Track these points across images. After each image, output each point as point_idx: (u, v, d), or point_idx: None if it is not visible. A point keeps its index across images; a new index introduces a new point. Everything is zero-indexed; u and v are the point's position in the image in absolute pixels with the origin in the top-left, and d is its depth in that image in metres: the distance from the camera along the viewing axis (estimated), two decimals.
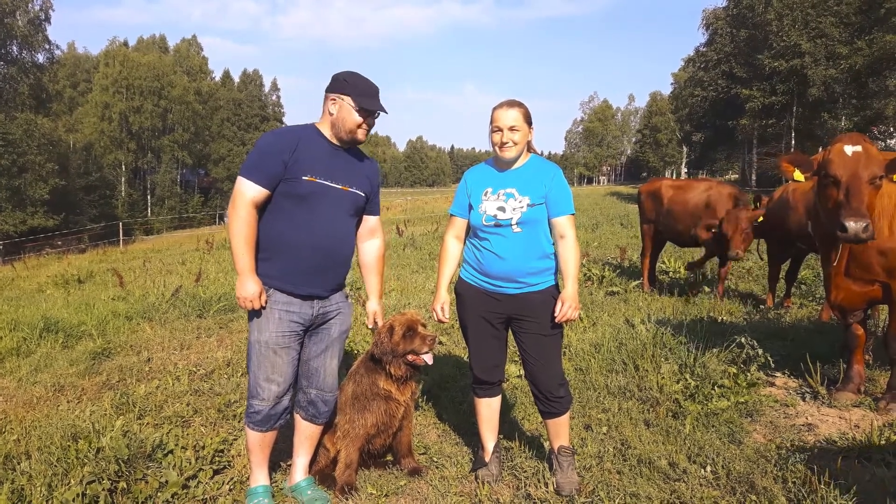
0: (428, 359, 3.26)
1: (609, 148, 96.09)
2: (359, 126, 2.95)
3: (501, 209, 3.08)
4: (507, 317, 3.20)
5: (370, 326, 3.41)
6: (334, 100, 2.96)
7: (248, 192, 2.85)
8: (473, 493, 3.22)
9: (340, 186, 2.98)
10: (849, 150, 3.73)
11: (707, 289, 8.21)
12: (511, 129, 3.05)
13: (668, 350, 5.03)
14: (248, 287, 2.85)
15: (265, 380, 2.94)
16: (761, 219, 7.20)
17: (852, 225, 3.54)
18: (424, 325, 3.28)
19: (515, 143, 3.08)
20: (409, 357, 3.24)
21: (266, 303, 2.91)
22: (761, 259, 9.46)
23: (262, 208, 2.91)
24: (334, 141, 3.01)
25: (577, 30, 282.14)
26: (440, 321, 3.32)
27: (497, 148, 3.10)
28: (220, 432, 3.89)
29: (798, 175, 4.00)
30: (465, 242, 3.33)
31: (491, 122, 3.11)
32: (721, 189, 7.91)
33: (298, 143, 2.91)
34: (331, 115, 2.98)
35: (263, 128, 67.42)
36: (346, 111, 2.94)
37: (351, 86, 2.95)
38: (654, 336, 5.28)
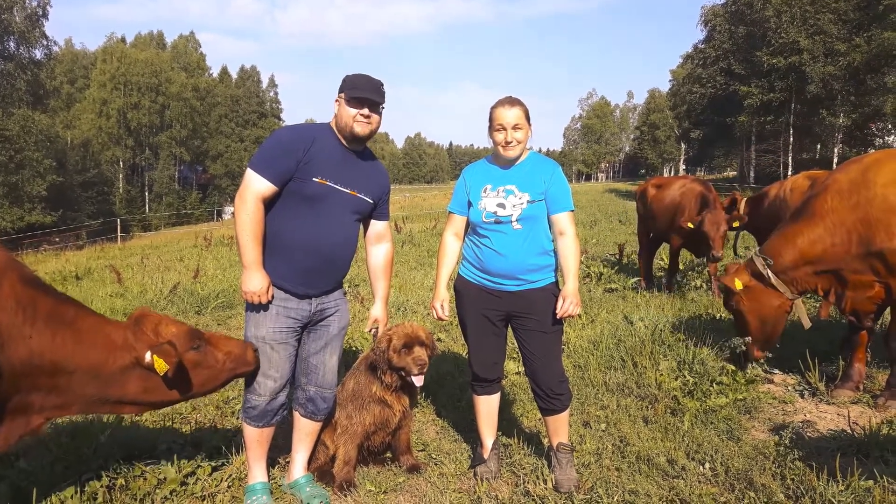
0: (417, 381, 3.18)
1: (607, 145, 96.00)
2: (354, 119, 2.93)
3: (501, 206, 3.07)
4: (506, 314, 3.19)
5: (369, 331, 3.39)
6: (337, 100, 3.00)
7: (257, 186, 2.83)
8: (472, 489, 3.22)
9: (349, 191, 2.98)
10: None
11: (704, 286, 8.22)
12: (515, 127, 3.04)
13: (667, 347, 5.03)
14: (255, 281, 2.83)
15: (261, 375, 2.94)
16: (736, 223, 7.27)
17: None
18: (423, 344, 3.18)
19: (520, 142, 3.07)
20: (403, 372, 3.21)
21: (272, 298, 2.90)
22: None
23: (268, 203, 2.90)
24: (344, 142, 3.01)
25: (576, 27, 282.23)
26: (440, 319, 3.31)
27: (500, 147, 3.08)
28: (219, 429, 3.89)
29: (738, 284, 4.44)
30: (463, 240, 3.32)
31: (492, 121, 3.09)
32: (693, 187, 7.85)
33: (314, 141, 2.90)
34: (335, 115, 3.01)
35: (261, 124, 67.41)
36: (342, 106, 2.96)
37: (346, 83, 2.97)
38: (653, 333, 5.29)
